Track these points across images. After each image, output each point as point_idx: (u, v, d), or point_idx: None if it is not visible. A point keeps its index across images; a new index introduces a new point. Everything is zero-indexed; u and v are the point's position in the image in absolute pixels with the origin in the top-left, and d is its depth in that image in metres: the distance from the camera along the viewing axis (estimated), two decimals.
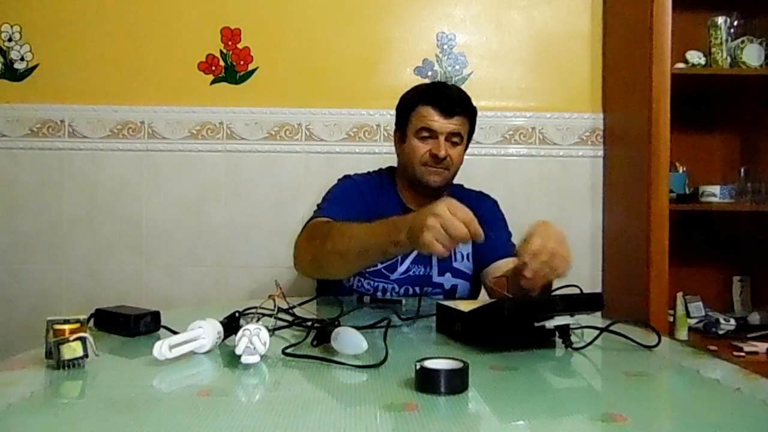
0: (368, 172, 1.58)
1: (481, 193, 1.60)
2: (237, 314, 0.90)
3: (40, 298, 2.03)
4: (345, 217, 1.29)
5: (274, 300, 0.94)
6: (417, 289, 1.42)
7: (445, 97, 1.43)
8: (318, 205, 1.44)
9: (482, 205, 1.51)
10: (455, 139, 1.43)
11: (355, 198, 1.45)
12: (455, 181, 1.55)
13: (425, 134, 1.43)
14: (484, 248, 1.40)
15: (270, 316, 0.94)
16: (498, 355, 0.82)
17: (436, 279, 1.44)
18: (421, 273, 1.44)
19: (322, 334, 0.86)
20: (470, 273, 1.48)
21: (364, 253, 1.16)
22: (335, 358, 0.80)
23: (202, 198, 2.06)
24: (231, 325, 0.87)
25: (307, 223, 1.37)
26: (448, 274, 1.45)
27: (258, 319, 0.92)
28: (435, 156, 1.41)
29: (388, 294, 1.42)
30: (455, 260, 1.46)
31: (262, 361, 0.78)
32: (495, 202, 1.59)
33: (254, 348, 0.77)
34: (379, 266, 1.42)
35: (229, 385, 0.73)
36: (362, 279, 1.44)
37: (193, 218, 2.05)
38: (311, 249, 1.27)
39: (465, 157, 1.50)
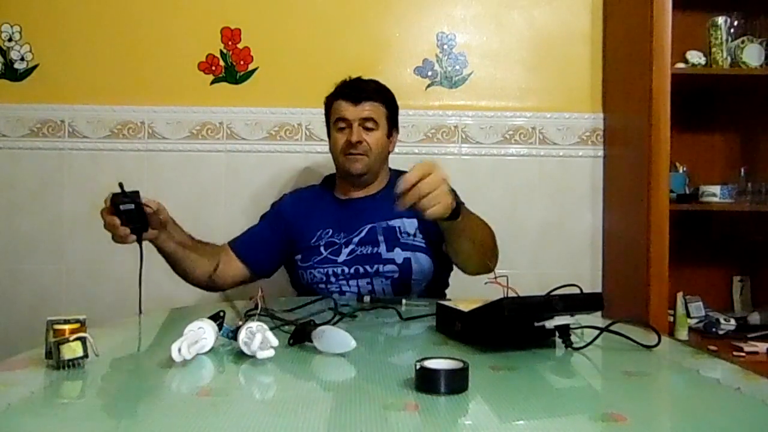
0: (312, 185, 1.72)
1: None
2: (222, 314, 0.90)
3: (40, 298, 2.03)
4: (243, 241, 1.55)
5: (257, 302, 0.94)
6: (368, 267, 1.47)
7: (353, 87, 1.54)
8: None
9: None
10: (369, 125, 1.52)
11: (273, 218, 1.60)
12: (398, 168, 1.63)
13: (342, 125, 1.53)
14: (432, 223, 1.45)
15: (253, 316, 0.94)
16: (498, 355, 0.82)
17: (386, 255, 1.48)
18: (369, 252, 1.48)
19: (300, 333, 0.86)
20: (425, 246, 1.50)
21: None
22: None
23: (202, 198, 2.06)
24: (219, 325, 0.87)
25: None
26: (397, 249, 1.48)
27: (247, 320, 0.92)
28: (350, 142, 1.50)
29: (340, 277, 1.47)
30: (401, 237, 1.50)
31: (262, 361, 0.77)
32: None
33: (269, 343, 0.78)
34: (324, 253, 1.49)
35: (229, 385, 0.73)
36: (312, 270, 1.50)
37: (193, 218, 2.04)
38: None
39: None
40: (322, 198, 1.61)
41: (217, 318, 0.88)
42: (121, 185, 1.19)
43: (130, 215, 1.23)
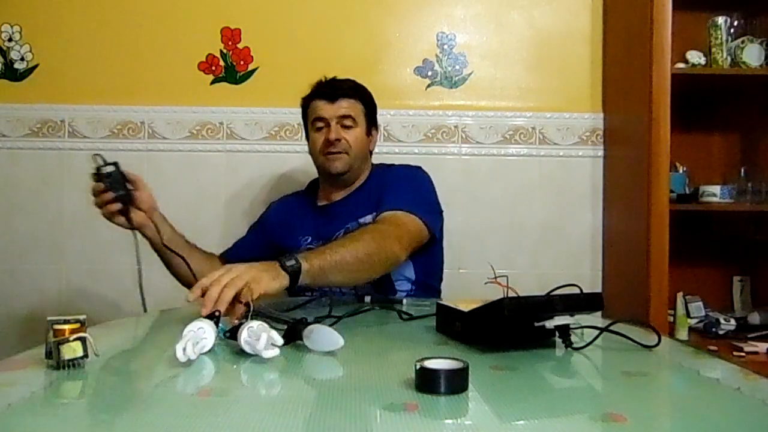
0: (297, 191, 1.72)
1: (401, 164, 1.65)
2: (217, 313, 0.90)
3: (40, 298, 2.02)
4: (232, 253, 1.57)
5: (249, 303, 0.94)
6: None
7: (328, 86, 1.53)
8: None
9: (389, 172, 1.58)
10: (347, 122, 1.51)
11: (258, 228, 1.67)
12: (379, 162, 1.66)
13: (320, 125, 1.52)
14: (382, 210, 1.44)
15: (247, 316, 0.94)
16: (498, 355, 0.82)
17: None
18: None
19: (292, 332, 0.86)
20: None
21: None
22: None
23: (202, 198, 2.05)
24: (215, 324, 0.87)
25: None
26: None
27: (246, 320, 0.92)
28: (328, 141, 1.49)
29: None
30: None
31: (261, 360, 0.77)
32: (404, 167, 1.62)
33: (274, 342, 0.78)
34: None
35: (229, 385, 0.73)
36: None
37: (193, 218, 2.05)
38: None
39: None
40: (304, 206, 1.62)
41: (212, 318, 0.88)
42: (99, 156, 1.26)
43: (113, 181, 1.28)
